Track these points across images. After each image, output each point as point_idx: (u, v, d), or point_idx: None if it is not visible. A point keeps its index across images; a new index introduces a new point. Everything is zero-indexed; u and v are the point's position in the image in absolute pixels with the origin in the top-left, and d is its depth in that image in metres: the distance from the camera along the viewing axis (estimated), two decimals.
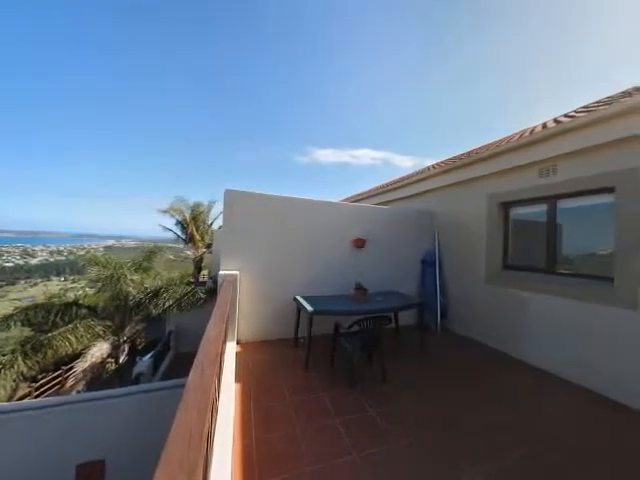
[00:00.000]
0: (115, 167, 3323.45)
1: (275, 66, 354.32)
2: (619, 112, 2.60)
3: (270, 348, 3.60)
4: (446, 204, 4.89)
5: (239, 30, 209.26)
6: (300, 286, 3.99)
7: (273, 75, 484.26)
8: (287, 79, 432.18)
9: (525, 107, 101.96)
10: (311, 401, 2.45)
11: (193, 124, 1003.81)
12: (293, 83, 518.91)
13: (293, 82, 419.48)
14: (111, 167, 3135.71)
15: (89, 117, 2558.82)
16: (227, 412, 1.92)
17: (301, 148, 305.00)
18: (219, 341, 1.51)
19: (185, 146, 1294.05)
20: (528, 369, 3.23)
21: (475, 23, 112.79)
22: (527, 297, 3.46)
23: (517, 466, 1.80)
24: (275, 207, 3.96)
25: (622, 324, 2.61)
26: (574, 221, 3.29)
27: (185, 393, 0.94)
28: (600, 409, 2.48)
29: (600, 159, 2.84)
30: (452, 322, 4.55)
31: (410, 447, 1.94)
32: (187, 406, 0.87)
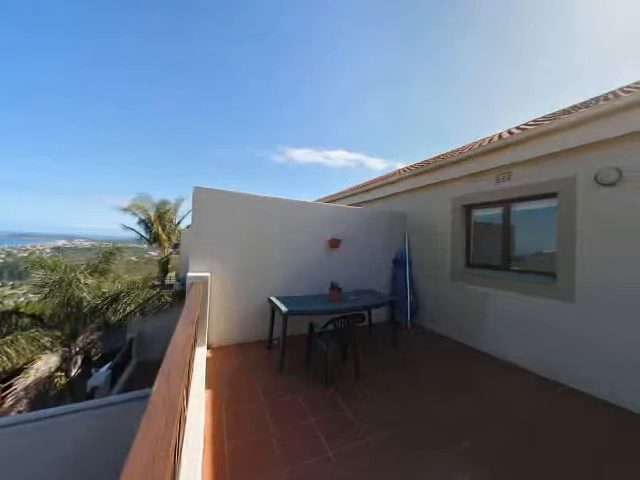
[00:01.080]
0: (68, 160, 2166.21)
1: (252, 62, 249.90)
2: (558, 128, 2.95)
3: (243, 351, 3.50)
4: (415, 206, 5.15)
5: (217, 24, 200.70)
6: (275, 287, 3.93)
7: (250, 71, 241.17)
8: (265, 76, 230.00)
9: (488, 115, 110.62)
10: (285, 403, 2.43)
11: (163, 117, 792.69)
12: (271, 81, 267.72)
13: (271, 80, 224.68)
14: (63, 160, 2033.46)
15: (47, 104, 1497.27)
16: (197, 421, 1.83)
17: (276, 147, 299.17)
18: (188, 347, 1.43)
19: (153, 140, 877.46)
20: (489, 360, 3.51)
21: (444, 37, 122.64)
22: (486, 293, 3.77)
23: (479, 448, 1.96)
24: (248, 206, 3.86)
25: (563, 315, 2.96)
26: (525, 223, 3.66)
27: (150, 404, 0.88)
28: (546, 391, 2.79)
29: (545, 168, 3.20)
30: (421, 318, 4.81)
31: (383, 441, 2.01)
32: (152, 417, 0.81)
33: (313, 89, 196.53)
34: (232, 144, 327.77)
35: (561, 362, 2.95)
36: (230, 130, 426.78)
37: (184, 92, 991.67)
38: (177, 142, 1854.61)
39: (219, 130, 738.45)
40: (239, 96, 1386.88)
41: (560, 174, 3.06)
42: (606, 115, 2.63)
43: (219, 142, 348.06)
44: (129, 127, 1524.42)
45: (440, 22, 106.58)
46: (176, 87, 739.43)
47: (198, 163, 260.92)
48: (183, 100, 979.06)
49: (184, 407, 1.42)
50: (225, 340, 3.66)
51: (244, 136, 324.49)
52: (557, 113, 3.76)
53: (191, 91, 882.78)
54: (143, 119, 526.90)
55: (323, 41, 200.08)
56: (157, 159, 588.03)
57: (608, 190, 2.68)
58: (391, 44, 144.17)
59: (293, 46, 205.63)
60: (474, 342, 3.88)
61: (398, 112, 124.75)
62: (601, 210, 2.73)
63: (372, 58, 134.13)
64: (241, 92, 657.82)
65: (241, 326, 3.78)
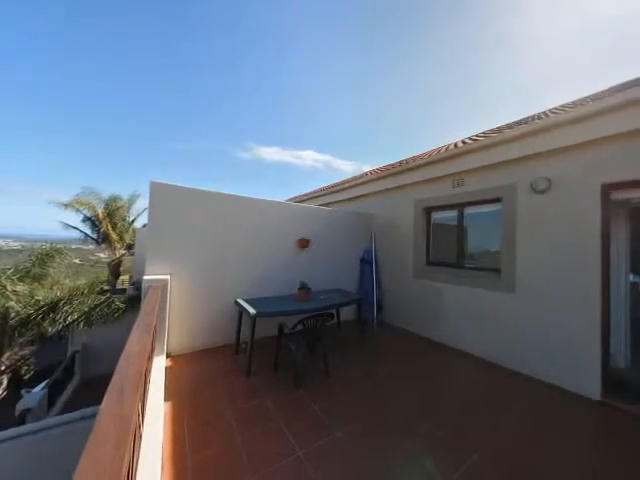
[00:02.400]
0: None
1: (215, 54, 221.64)
2: (501, 140, 3.33)
3: (208, 358, 3.31)
4: (381, 207, 5.39)
5: (177, 18, 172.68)
6: (242, 289, 3.80)
7: (213, 62, 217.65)
8: (228, 70, 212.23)
9: (447, 124, 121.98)
10: (253, 407, 2.36)
11: (112, 102, 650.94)
12: (235, 75, 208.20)
13: (235, 74, 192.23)
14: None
15: None
16: (155, 437, 1.69)
17: (243, 143, 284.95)
18: (143, 357, 1.31)
19: (100, 127, 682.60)
20: (446, 349, 3.82)
21: (401, 54, 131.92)
22: (443, 288, 4.09)
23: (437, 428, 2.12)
24: (213, 204, 3.67)
25: (505, 304, 3.34)
26: (476, 225, 4.05)
27: (97, 424, 0.78)
28: (491, 373, 3.12)
29: (492, 175, 3.58)
30: (387, 315, 5.04)
31: (351, 434, 2.06)
32: (99, 438, 0.73)
33: (282, 86, 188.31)
34: (192, 138, 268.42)
35: (504, 347, 3.33)
36: (190, 123, 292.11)
37: (138, 75, 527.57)
38: (128, 132, 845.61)
39: (176, 123, 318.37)
40: (200, 88, 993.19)
41: (504, 181, 3.45)
42: (538, 132, 3.03)
43: (176, 135, 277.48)
44: (73, 112, 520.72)
45: (398, 40, 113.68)
46: (127, 71, 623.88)
47: (153, 156, 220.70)
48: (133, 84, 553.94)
49: (139, 424, 1.30)
50: (187, 347, 3.43)
51: (206, 130, 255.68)
52: (502, 127, 4.23)
53: (144, 76, 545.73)
54: (90, 103, 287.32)
55: (290, 39, 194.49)
56: (105, 150, 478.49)
57: (540, 197, 3.10)
58: (356, 52, 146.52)
59: (257, 41, 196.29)
60: (433, 334, 4.19)
61: (363, 116, 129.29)
62: (534, 214, 3.14)
63: (339, 62, 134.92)
64: (202, 84, 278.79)
65: (205, 331, 3.58)
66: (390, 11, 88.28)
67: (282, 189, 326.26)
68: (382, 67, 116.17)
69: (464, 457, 1.87)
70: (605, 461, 1.91)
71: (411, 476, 1.74)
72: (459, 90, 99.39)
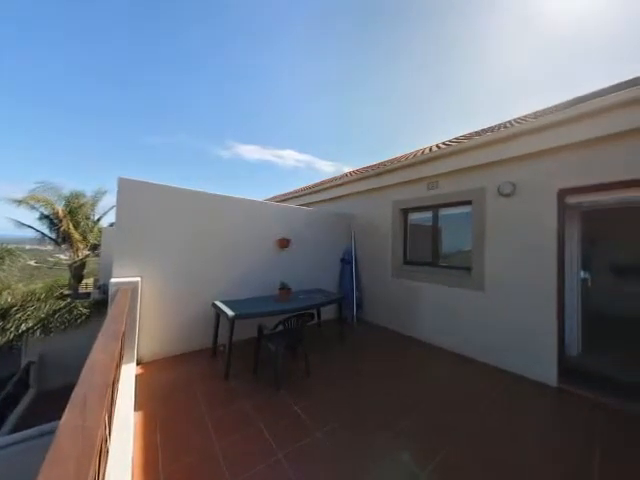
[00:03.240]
0: None
1: (193, 50, 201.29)
2: (471, 146, 3.54)
3: (183, 363, 3.17)
4: (361, 208, 5.49)
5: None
6: (220, 290, 3.68)
7: (191, 58, 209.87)
8: (208, 66, 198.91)
9: (427, 126, 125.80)
10: (232, 412, 2.30)
11: (79, 92, 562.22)
12: (214, 70, 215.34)
13: (215, 70, 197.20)
14: None
15: None
16: (123, 451, 1.58)
17: (222, 141, 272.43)
18: (111, 365, 1.22)
19: (66, 119, 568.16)
20: (422, 346, 3.98)
21: (389, 49, 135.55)
22: (420, 286, 4.26)
23: (414, 424, 2.20)
24: (187, 203, 3.51)
25: (476, 301, 3.55)
26: (450, 225, 4.26)
27: (56, 440, 0.72)
28: (464, 367, 3.31)
29: (464, 179, 3.79)
30: (366, 313, 5.14)
31: (331, 433, 2.08)
32: (59, 456, 0.67)
33: (262, 83, 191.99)
34: (169, 133, 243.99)
35: (475, 342, 3.54)
36: (166, 117, 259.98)
37: (112, 65, 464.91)
38: (99, 125, 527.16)
39: (151, 116, 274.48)
40: (172, 82, 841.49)
41: (474, 185, 3.67)
42: (503, 139, 3.26)
43: (151, 129, 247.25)
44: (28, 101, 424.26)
45: (380, 41, 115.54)
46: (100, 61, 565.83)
47: (125, 151, 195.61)
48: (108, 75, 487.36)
49: (106, 438, 1.21)
50: (160, 353, 3.26)
51: (183, 126, 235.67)
52: (472, 134, 4.49)
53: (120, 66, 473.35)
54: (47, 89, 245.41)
55: (270, 36, 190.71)
56: (70, 142, 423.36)
57: (506, 200, 3.33)
58: (338, 52, 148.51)
59: (235, 36, 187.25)
60: (410, 331, 4.34)
61: (345, 117, 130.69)
62: (501, 216, 3.38)
63: (319, 62, 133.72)
64: (179, 77, 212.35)
65: (180, 335, 3.41)
66: (373, 12, 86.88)
67: (263, 188, 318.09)
68: (364, 69, 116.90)
69: (438, 449, 1.96)
70: (565, 442, 2.09)
71: (389, 471, 1.79)
72: (440, 93, 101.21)
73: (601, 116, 2.60)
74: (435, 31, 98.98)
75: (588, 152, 2.76)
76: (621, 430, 2.20)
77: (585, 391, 2.73)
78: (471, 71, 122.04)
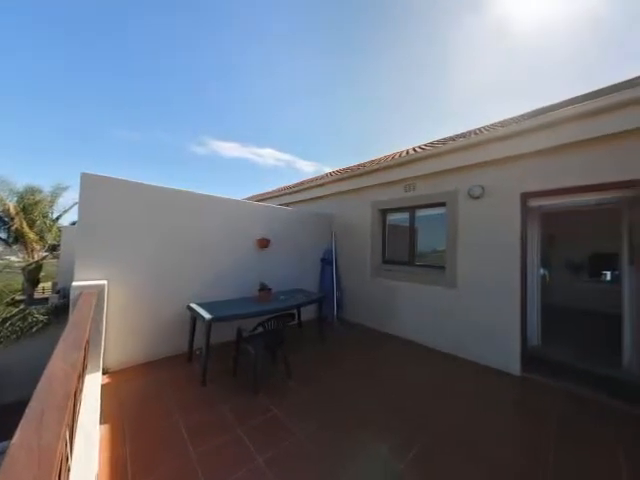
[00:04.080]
0: None
1: (168, 39, 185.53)
2: (444, 151, 3.72)
3: (155, 370, 3.00)
4: (341, 208, 5.55)
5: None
6: (196, 292, 3.53)
7: (165, 48, 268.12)
8: (184, 58, 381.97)
9: (407, 128, 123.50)
10: (209, 418, 2.21)
11: (38, 78, 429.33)
12: (191, 63, 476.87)
13: (190, 62, 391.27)
14: None
15: None
16: (87, 470, 1.46)
17: (198, 137, 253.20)
18: (72, 376, 1.12)
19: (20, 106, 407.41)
20: (401, 342, 4.10)
21: (370, 52, 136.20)
22: (398, 285, 4.40)
23: (391, 419, 2.26)
24: (160, 200, 3.33)
25: (448, 299, 3.74)
26: (426, 226, 4.45)
27: (7, 460, 0.65)
28: (439, 360, 3.47)
29: (438, 182, 3.97)
30: (346, 312, 5.21)
31: (311, 434, 2.07)
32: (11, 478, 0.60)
33: (242, 79, 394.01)
34: (141, 127, 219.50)
35: (449, 336, 3.72)
36: (140, 110, 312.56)
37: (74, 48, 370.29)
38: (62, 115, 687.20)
39: (123, 107, 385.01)
40: (148, 71, 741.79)
41: (447, 187, 3.86)
42: (473, 145, 3.46)
43: (122, 122, 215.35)
44: None
45: (362, 44, 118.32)
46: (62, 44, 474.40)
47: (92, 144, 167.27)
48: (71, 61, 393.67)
49: (67, 456, 1.12)
50: (130, 360, 3.06)
51: (156, 120, 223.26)
52: (446, 139, 4.72)
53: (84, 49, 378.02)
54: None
55: (250, 33, 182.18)
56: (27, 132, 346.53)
57: (476, 202, 3.54)
58: (316, 55, 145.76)
59: (216, 28, 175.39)
60: (389, 328, 4.47)
61: (325, 118, 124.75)
62: (472, 218, 3.58)
63: (301, 63, 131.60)
64: (154, 69, 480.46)
65: (153, 341, 3.23)
66: (354, 13, 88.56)
67: (241, 187, 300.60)
68: (345, 71, 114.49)
69: (414, 441, 2.03)
70: (526, 425, 2.27)
71: (368, 467, 1.82)
72: (420, 96, 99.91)
73: (557, 127, 2.85)
74: (412, 38, 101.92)
75: (546, 159, 3.01)
76: (575, 411, 2.42)
77: (544, 378, 2.98)
78: (447, 76, 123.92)
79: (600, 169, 2.69)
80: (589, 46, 16.66)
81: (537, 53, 19.62)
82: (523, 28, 10.70)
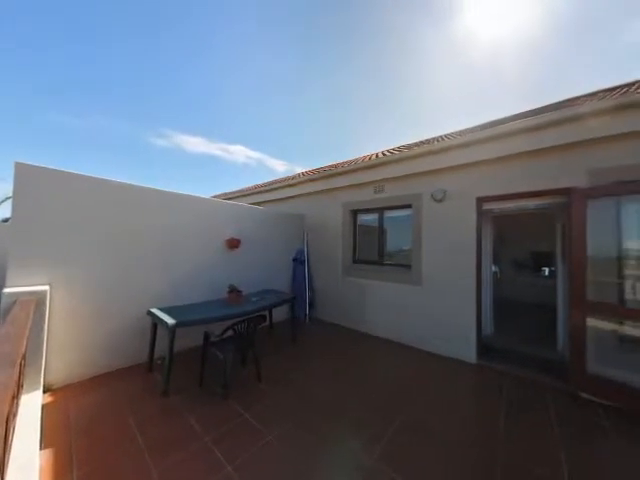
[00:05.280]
0: None
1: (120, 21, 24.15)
2: (409, 155, 3.95)
3: (109, 383, 2.72)
4: (313, 208, 5.57)
5: None
6: (157, 296, 3.28)
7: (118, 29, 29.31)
8: (139, 39, 36.80)
9: (379, 130, 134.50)
10: (173, 431, 2.07)
11: None
12: (151, 48, 41.43)
13: (147, 45, 40.47)
14: None
15: None
16: None
17: (158, 129, 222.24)
18: (4, 397, 0.97)
19: None
20: (371, 339, 4.24)
21: (343, 53, 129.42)
22: (367, 284, 4.54)
23: (362, 413, 2.33)
24: (113, 196, 3.03)
25: (414, 296, 3.96)
26: (394, 226, 4.66)
27: None
28: (406, 354, 3.66)
29: (405, 185, 4.19)
30: (318, 311, 5.24)
31: (283, 435, 2.05)
32: None
33: (208, 74, 55.72)
34: (83, 113, 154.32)
35: (415, 331, 3.94)
36: (82, 95, 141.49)
37: None
38: None
39: (65, 92, 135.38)
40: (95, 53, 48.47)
41: (413, 190, 4.09)
42: (436, 152, 3.72)
43: (67, 107, 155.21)
44: None
45: (334, 44, 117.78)
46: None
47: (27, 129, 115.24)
48: None
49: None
50: (79, 374, 2.73)
51: (100, 105, 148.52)
52: (411, 145, 5.00)
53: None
54: None
55: (219, 21, 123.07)
56: None
57: (438, 205, 3.80)
58: (289, 52, 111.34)
59: (182, 15, 24.99)
60: (360, 326, 4.60)
61: (298, 117, 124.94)
62: (435, 219, 3.84)
63: (272, 61, 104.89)
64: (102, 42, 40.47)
65: (106, 352, 2.92)
66: (326, 13, 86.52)
67: (209, 184, 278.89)
68: (316, 72, 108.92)
69: (383, 432, 2.11)
70: (481, 406, 2.49)
71: (341, 463, 1.85)
72: (386, 102, 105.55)
73: (504, 139, 3.19)
74: (379, 49, 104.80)
75: (497, 167, 3.35)
76: (520, 390, 2.73)
77: (496, 364, 3.31)
78: (411, 86, 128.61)
79: (538, 178, 3.07)
80: (531, 69, 19.37)
81: (491, 69, 22.11)
82: (479, 48, 11.93)
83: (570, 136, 2.80)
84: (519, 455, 1.89)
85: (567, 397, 2.65)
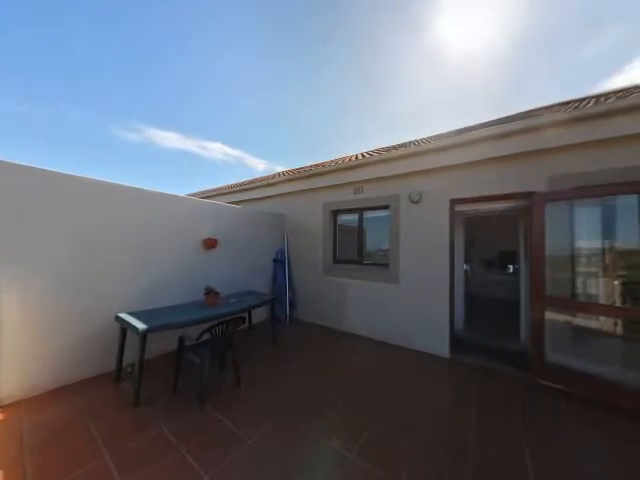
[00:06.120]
0: None
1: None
2: (387, 158, 4.06)
3: (71, 395, 2.50)
4: (294, 208, 5.54)
5: None
6: (127, 300, 3.08)
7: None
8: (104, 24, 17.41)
9: (361, 131, 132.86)
10: (144, 443, 1.95)
11: None
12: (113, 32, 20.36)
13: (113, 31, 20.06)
14: None
15: None
16: None
17: (127, 122, 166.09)
18: None
19: None
20: (351, 338, 4.30)
21: (324, 53, 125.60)
22: (347, 283, 4.61)
23: (341, 411, 2.36)
24: (81, 193, 2.80)
25: (392, 294, 4.09)
26: (373, 227, 4.76)
27: None
28: (385, 351, 3.76)
29: (383, 186, 4.30)
30: (299, 312, 5.22)
31: (263, 438, 2.02)
32: None
33: (186, 68, 31.05)
34: (47, 101, 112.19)
35: (393, 328, 4.07)
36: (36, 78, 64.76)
37: None
38: None
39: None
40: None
41: (391, 192, 4.21)
42: (412, 155, 3.86)
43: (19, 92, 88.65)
44: None
45: (309, 52, 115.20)
46: None
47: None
48: None
49: None
50: (35, 388, 2.48)
51: (70, 94, 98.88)
52: (390, 147, 5.14)
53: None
54: None
55: (187, 17, 16.37)
56: None
57: (415, 206, 3.95)
58: (268, 50, 22.50)
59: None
60: (340, 325, 4.65)
61: (277, 118, 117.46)
62: (412, 220, 3.99)
63: (253, 58, 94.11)
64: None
65: (67, 361, 2.69)
66: (308, 13, 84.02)
67: (186, 181, 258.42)
68: (296, 71, 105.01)
69: (363, 428, 2.16)
70: (452, 398, 2.63)
71: (321, 461, 1.86)
72: (365, 105, 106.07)
73: (474, 145, 3.39)
74: (358, 54, 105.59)
75: (468, 171, 3.55)
76: (488, 380, 2.92)
77: (467, 357, 3.51)
78: (389, 91, 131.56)
79: (505, 182, 3.29)
80: (498, 79, 20.96)
81: (465, 77, 23.56)
82: (452, 59, 12.67)
83: (531, 144, 3.04)
84: (487, 443, 2.02)
85: (529, 385, 2.88)
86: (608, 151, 2.73)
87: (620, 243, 2.79)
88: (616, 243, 2.81)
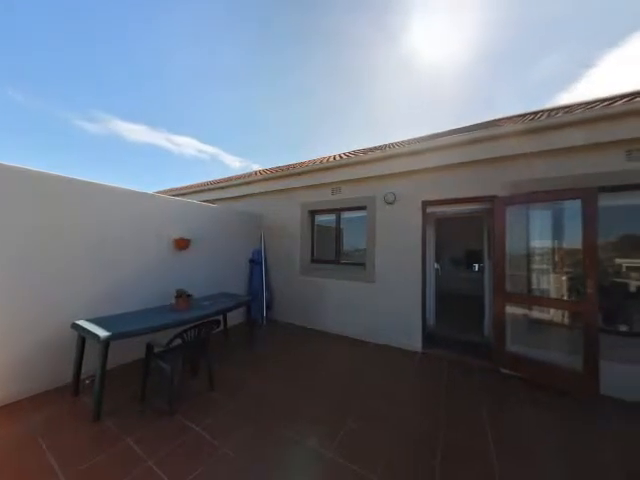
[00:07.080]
0: None
1: None
2: (363, 160, 4.16)
3: (20, 413, 2.24)
4: (271, 208, 5.46)
5: None
6: (86, 305, 2.83)
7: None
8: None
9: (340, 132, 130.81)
10: (106, 459, 1.81)
11: None
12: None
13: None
14: None
15: None
16: None
17: (87, 111, 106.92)
18: None
19: None
20: (328, 337, 4.34)
21: (302, 51, 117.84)
22: (325, 282, 4.64)
23: (317, 411, 2.37)
24: (30, 187, 2.52)
25: (368, 293, 4.19)
26: (350, 227, 4.85)
27: None
28: (361, 348, 3.84)
29: (360, 187, 4.40)
30: (276, 313, 5.16)
31: (240, 444, 1.96)
32: None
33: (154, 55, 23.11)
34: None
35: (370, 326, 4.17)
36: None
37: None
38: None
39: None
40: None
41: (367, 193, 4.32)
42: (387, 158, 4.00)
43: None
44: None
45: (292, 41, 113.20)
46: None
47: None
48: None
49: None
50: None
51: (16, 79, 52.50)
52: (366, 150, 5.26)
53: None
54: None
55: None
56: None
57: (390, 207, 4.09)
58: (244, 43, 17.28)
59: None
60: (317, 325, 4.67)
61: (253, 114, 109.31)
62: (387, 220, 4.12)
63: (228, 51, 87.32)
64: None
65: (13, 376, 2.40)
66: (283, 12, 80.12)
67: (155, 177, 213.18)
68: (272, 68, 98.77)
69: (340, 425, 2.19)
70: (424, 389, 2.76)
71: (300, 462, 1.86)
72: (342, 109, 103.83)
73: (443, 150, 3.59)
74: (334, 51, 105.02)
75: (438, 175, 3.75)
76: (456, 371, 3.11)
77: (438, 350, 3.71)
78: (364, 96, 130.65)
79: (472, 186, 3.53)
80: (464, 90, 22.61)
81: (438, 86, 25.22)
82: (422, 68, 13.35)
83: (493, 152, 3.30)
84: (455, 429, 2.15)
85: (492, 374, 3.11)
86: (556, 160, 3.04)
87: (567, 243, 3.12)
88: (564, 243, 3.15)
